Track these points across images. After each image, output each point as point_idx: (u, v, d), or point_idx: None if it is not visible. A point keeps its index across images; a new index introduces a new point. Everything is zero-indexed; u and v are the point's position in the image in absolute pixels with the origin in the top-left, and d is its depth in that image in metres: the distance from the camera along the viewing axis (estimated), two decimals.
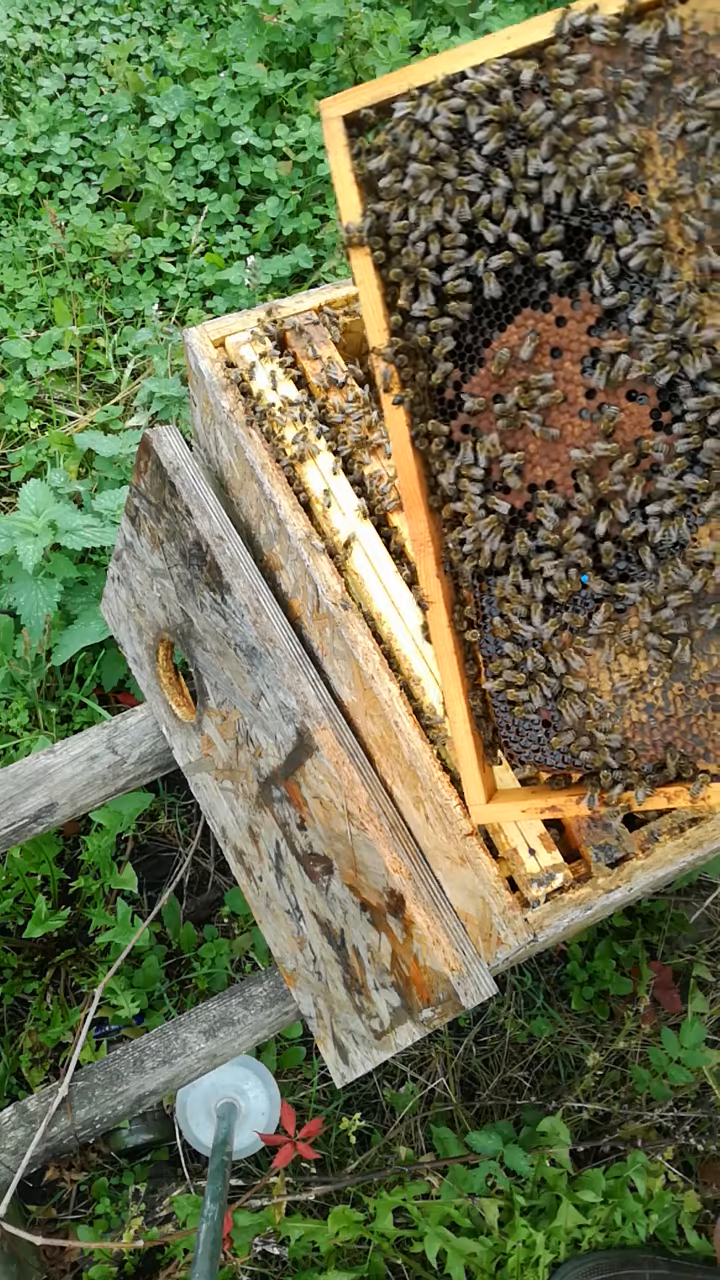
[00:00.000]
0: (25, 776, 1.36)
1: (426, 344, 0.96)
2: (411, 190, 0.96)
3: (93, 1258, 1.47)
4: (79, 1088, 1.34)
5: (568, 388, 0.96)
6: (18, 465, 1.95)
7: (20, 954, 1.66)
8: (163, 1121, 1.56)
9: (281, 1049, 1.62)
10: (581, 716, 0.93)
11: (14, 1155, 1.29)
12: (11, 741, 1.68)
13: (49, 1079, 1.57)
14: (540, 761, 0.93)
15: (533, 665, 0.94)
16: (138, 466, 1.14)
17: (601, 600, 0.94)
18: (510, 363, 0.97)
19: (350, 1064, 1.15)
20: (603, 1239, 1.43)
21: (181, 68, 2.47)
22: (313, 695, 1.01)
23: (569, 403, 0.96)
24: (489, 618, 0.98)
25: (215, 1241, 1.18)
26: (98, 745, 1.40)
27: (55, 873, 1.63)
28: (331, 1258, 1.41)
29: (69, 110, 2.45)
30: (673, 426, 0.93)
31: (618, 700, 0.93)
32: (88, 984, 1.64)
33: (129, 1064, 1.36)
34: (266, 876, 1.23)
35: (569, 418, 0.97)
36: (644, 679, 0.93)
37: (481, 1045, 1.68)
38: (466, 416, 0.97)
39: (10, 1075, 1.59)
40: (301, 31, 2.44)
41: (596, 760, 0.91)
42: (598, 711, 0.93)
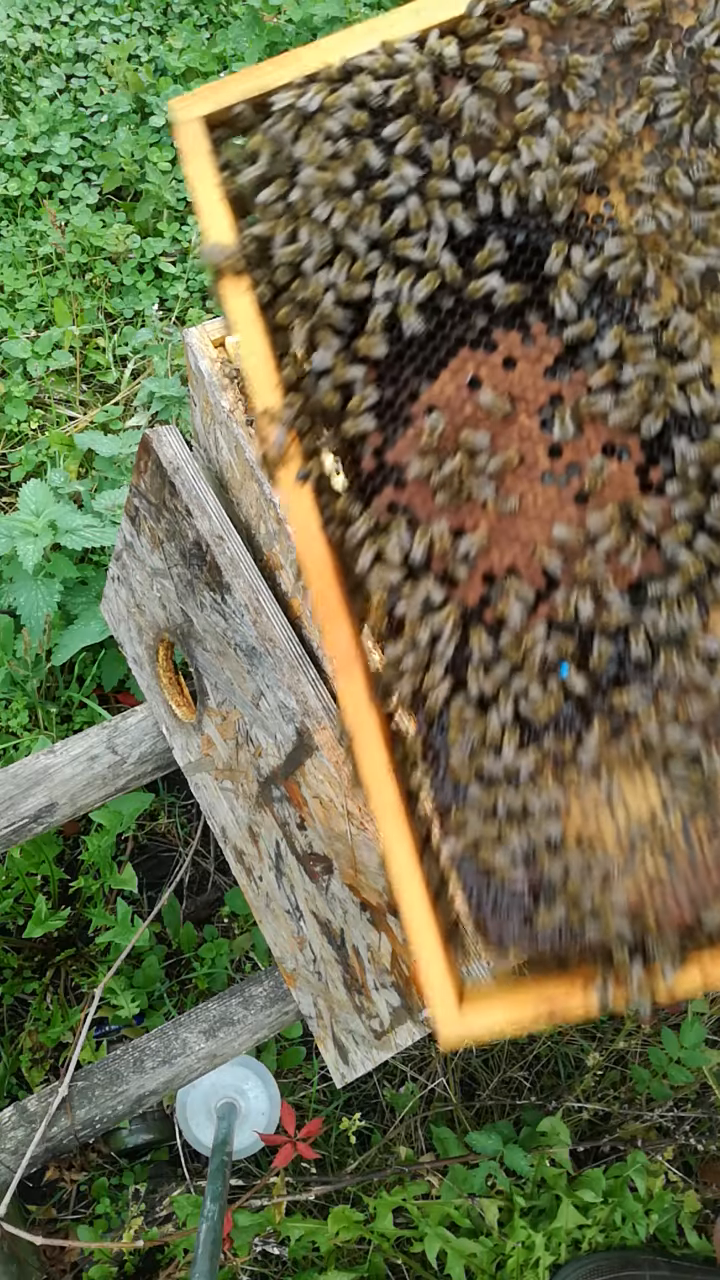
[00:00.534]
0: (25, 776, 1.36)
1: (335, 404, 0.78)
2: (301, 205, 0.79)
3: (93, 1258, 1.47)
4: (79, 1088, 1.34)
5: (524, 446, 0.79)
6: (18, 465, 1.95)
7: (20, 954, 1.66)
8: (163, 1121, 1.56)
9: (281, 1049, 1.62)
10: (582, 876, 0.75)
11: (14, 1155, 1.29)
12: (11, 741, 1.68)
13: (49, 1079, 1.57)
14: (531, 944, 0.74)
15: (508, 812, 0.76)
16: (138, 466, 1.14)
17: (593, 715, 0.76)
18: (447, 422, 0.78)
19: (350, 1064, 1.15)
20: (603, 1239, 1.43)
21: (181, 68, 2.47)
22: (313, 695, 1.01)
23: (527, 465, 0.79)
24: (442, 753, 0.78)
25: (215, 1241, 1.18)
26: (98, 745, 1.40)
27: (55, 873, 1.63)
28: (331, 1258, 1.41)
29: (69, 110, 2.45)
30: (665, 486, 0.77)
31: (625, 849, 0.75)
32: (88, 984, 1.64)
33: (129, 1064, 1.36)
34: (266, 876, 1.23)
35: (529, 484, 0.79)
36: (657, 816, 0.76)
37: (481, 1045, 1.68)
38: (394, 491, 0.79)
39: (10, 1075, 1.59)
40: (301, 31, 2.44)
41: (605, 933, 0.74)
42: (601, 866, 0.75)
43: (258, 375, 0.78)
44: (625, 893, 0.74)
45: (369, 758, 0.76)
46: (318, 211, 0.78)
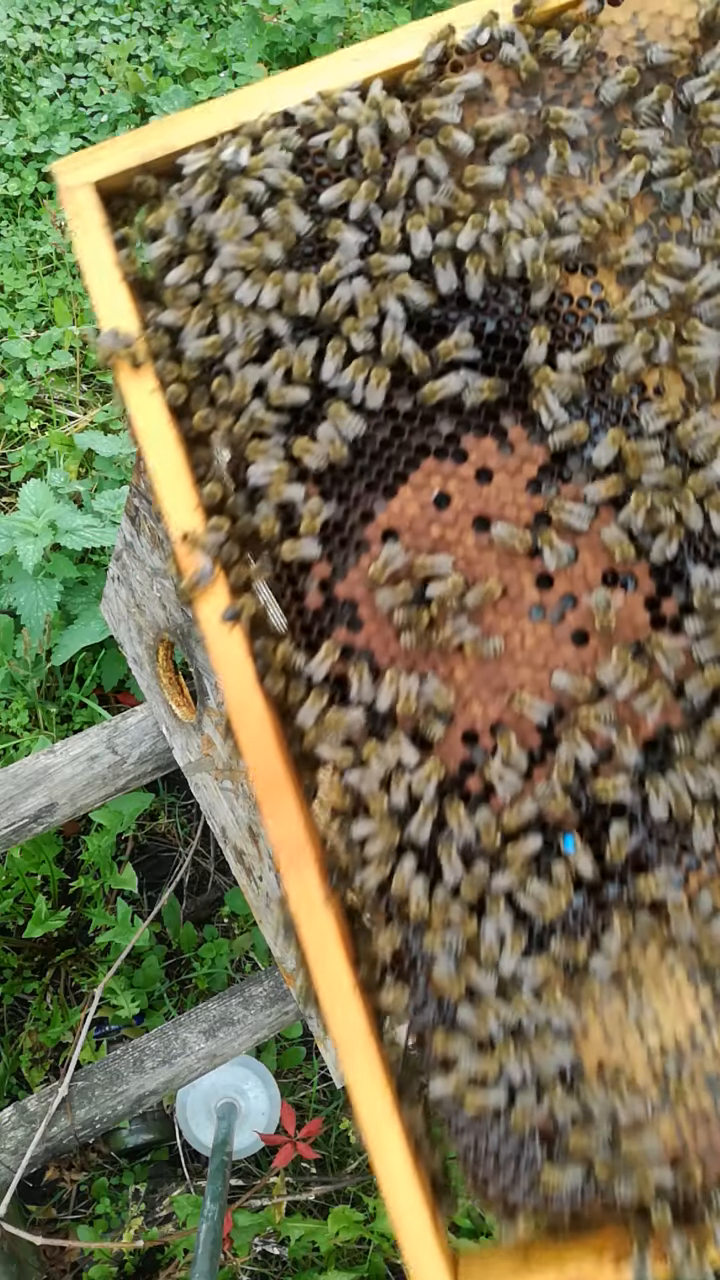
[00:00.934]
0: (25, 776, 1.36)
1: (271, 529, 0.64)
2: (217, 291, 0.65)
3: (93, 1258, 1.47)
4: (79, 1088, 1.34)
5: (507, 575, 0.66)
6: (18, 465, 1.95)
7: (20, 954, 1.66)
8: (163, 1121, 1.56)
9: (281, 1049, 1.62)
10: (606, 1116, 0.61)
11: (14, 1155, 1.29)
12: (11, 741, 1.68)
13: (49, 1079, 1.57)
14: (543, 1205, 0.61)
15: (506, 1036, 0.62)
16: (138, 466, 1.14)
17: (610, 909, 0.63)
18: (407, 551, 0.64)
19: None
20: None
21: (181, 68, 2.47)
22: None
23: (512, 598, 0.66)
24: (421, 961, 0.64)
25: (215, 1241, 1.18)
26: (98, 745, 1.40)
27: (55, 873, 1.63)
28: (331, 1258, 1.41)
29: (69, 110, 2.45)
30: (684, 622, 0.65)
31: (659, 1078, 0.62)
32: (88, 984, 1.64)
33: (129, 1064, 1.36)
34: (266, 876, 1.23)
35: (515, 621, 0.66)
36: (697, 1034, 0.62)
37: None
38: (347, 633, 0.64)
39: (10, 1075, 1.59)
40: (301, 31, 2.44)
41: (640, 1188, 0.60)
42: (630, 1108, 0.61)
43: (171, 494, 0.64)
44: (662, 1136, 0.61)
45: (327, 971, 0.62)
46: (242, 294, 0.65)
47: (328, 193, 0.65)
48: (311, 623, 0.66)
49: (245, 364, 0.65)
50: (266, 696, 0.63)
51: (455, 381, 0.65)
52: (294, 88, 0.67)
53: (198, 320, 0.66)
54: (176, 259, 0.67)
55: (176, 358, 0.66)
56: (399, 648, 0.65)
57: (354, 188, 0.66)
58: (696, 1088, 0.62)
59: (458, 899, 0.64)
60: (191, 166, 0.66)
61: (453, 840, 0.63)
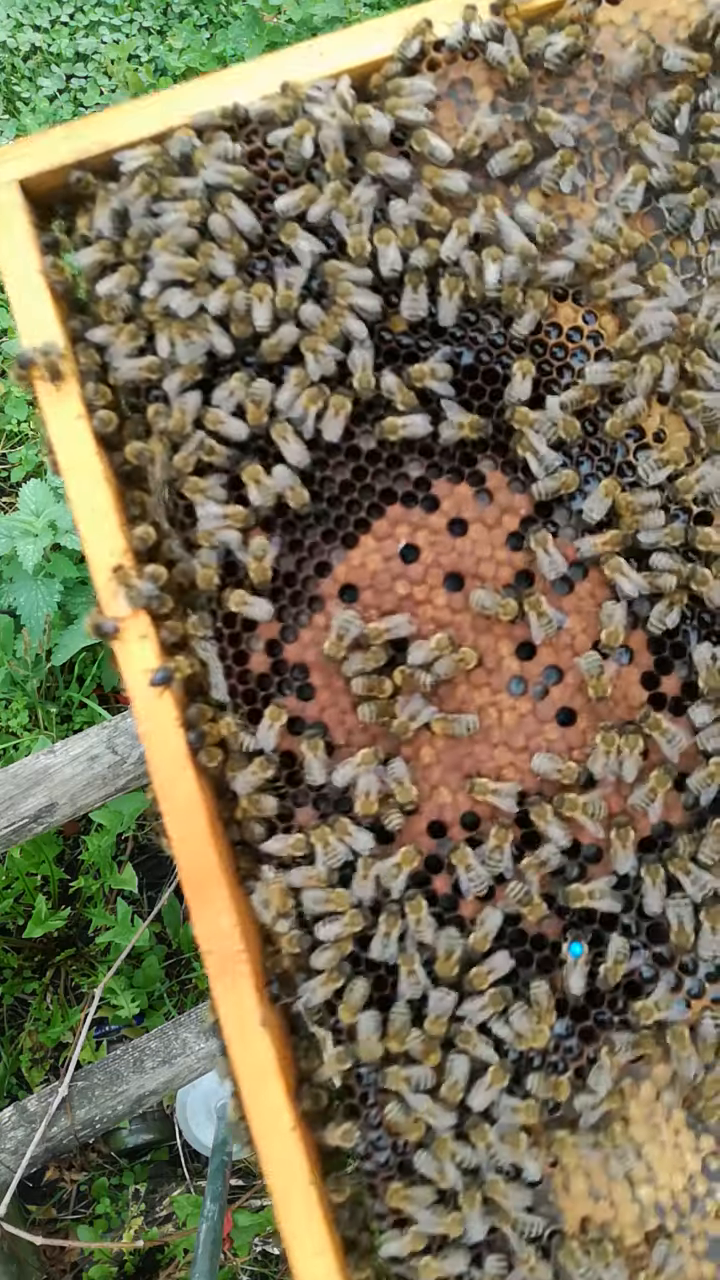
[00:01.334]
0: (25, 776, 1.36)
1: (211, 580, 0.58)
2: (153, 305, 0.59)
3: (93, 1258, 1.47)
4: (79, 1088, 1.34)
5: (484, 642, 0.60)
6: (18, 465, 1.95)
7: (20, 954, 1.66)
8: (163, 1121, 1.56)
9: None
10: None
11: (14, 1155, 1.29)
12: (11, 741, 1.68)
13: (49, 1079, 1.57)
14: None
15: (470, 1188, 0.55)
16: None
17: (597, 1037, 0.57)
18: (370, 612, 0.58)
19: None
20: None
21: (181, 68, 2.47)
22: None
23: (488, 670, 0.60)
24: (373, 1093, 0.58)
25: (215, 1241, 1.18)
26: (98, 745, 1.40)
27: (55, 873, 1.63)
28: None
29: (69, 110, 2.45)
30: (689, 707, 0.58)
31: (651, 1239, 0.56)
32: (88, 984, 1.64)
33: (129, 1064, 1.36)
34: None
35: (490, 695, 0.59)
36: (697, 1189, 0.56)
37: None
38: (297, 702, 0.59)
39: (10, 1075, 1.59)
40: (301, 31, 2.44)
41: None
42: (617, 1271, 0.55)
43: (95, 535, 0.58)
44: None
45: (263, 1106, 0.55)
46: (181, 307, 0.58)
47: (285, 199, 0.59)
48: (256, 688, 0.59)
49: (186, 389, 0.59)
50: (199, 774, 0.57)
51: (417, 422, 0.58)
52: (249, 82, 0.61)
53: (128, 339, 0.59)
54: (110, 268, 0.60)
55: (107, 380, 0.60)
56: (356, 721, 0.58)
57: (311, 194, 0.59)
58: (697, 1253, 0.54)
59: (420, 1027, 0.56)
60: (130, 164, 0.60)
61: (415, 953, 0.56)
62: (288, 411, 0.60)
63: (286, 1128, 0.55)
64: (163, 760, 0.57)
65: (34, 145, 0.60)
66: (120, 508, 0.60)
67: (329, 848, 0.58)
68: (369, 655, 0.59)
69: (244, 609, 0.59)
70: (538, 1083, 0.57)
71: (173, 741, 0.57)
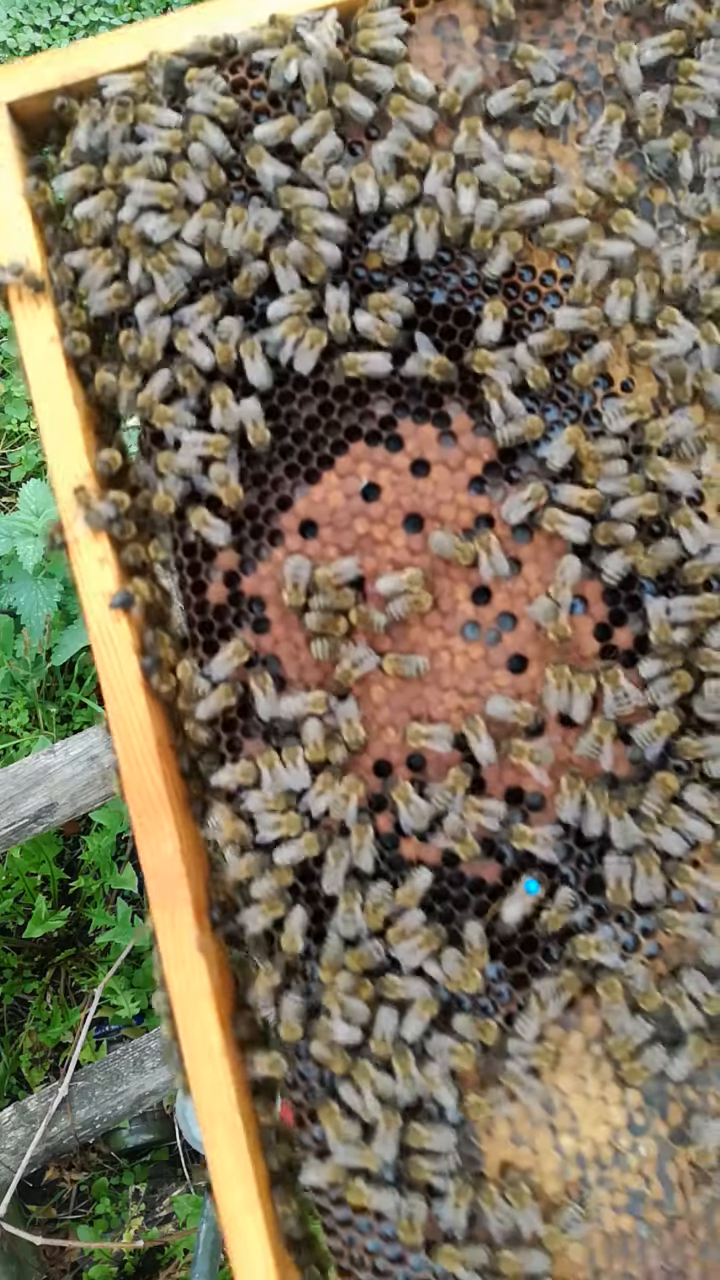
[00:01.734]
0: (25, 776, 1.36)
1: (167, 507, 0.59)
2: (129, 232, 0.60)
3: (93, 1258, 1.47)
4: (79, 1088, 1.34)
5: (440, 586, 0.60)
6: (18, 465, 1.96)
7: (20, 954, 1.66)
8: (163, 1121, 1.56)
9: None
10: (503, 1228, 0.55)
11: (14, 1155, 1.29)
12: (11, 741, 1.68)
13: (49, 1079, 1.57)
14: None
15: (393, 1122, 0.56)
16: None
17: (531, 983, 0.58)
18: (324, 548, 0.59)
19: None
20: None
21: None
22: None
23: (443, 613, 0.60)
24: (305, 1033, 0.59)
25: (215, 1241, 1.18)
26: (98, 745, 1.40)
27: (55, 873, 1.63)
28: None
29: None
30: (640, 661, 0.59)
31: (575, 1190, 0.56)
32: (88, 984, 1.64)
33: (129, 1064, 1.36)
34: None
35: (444, 638, 0.60)
36: (621, 1143, 0.56)
37: None
38: (252, 635, 0.60)
39: (10, 1075, 1.59)
40: None
41: None
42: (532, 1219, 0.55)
43: (60, 458, 0.58)
44: (569, 1257, 0.54)
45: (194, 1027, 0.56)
46: (156, 231, 0.59)
47: (264, 128, 0.58)
48: (213, 619, 0.60)
49: (155, 315, 0.59)
50: (152, 697, 0.57)
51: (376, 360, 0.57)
52: (238, 14, 0.61)
53: (104, 265, 0.60)
54: (91, 192, 0.61)
55: (81, 302, 0.61)
56: (309, 657, 0.59)
57: (292, 124, 0.59)
58: (616, 1206, 0.54)
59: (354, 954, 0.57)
60: (113, 88, 0.60)
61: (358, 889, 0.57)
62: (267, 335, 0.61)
63: (216, 1051, 0.56)
64: (116, 685, 0.58)
65: (21, 69, 0.60)
66: (89, 432, 0.60)
67: (275, 771, 0.59)
68: (331, 597, 0.60)
69: (204, 529, 0.59)
70: (466, 1025, 0.57)
71: (127, 667, 0.58)
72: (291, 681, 0.61)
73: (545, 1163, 0.57)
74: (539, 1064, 0.56)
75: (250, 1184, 0.55)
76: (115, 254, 0.61)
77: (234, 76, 0.63)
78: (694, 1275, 0.54)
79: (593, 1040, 0.58)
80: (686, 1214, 0.55)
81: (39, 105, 0.62)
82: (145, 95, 0.62)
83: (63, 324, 0.61)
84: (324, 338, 0.60)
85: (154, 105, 0.61)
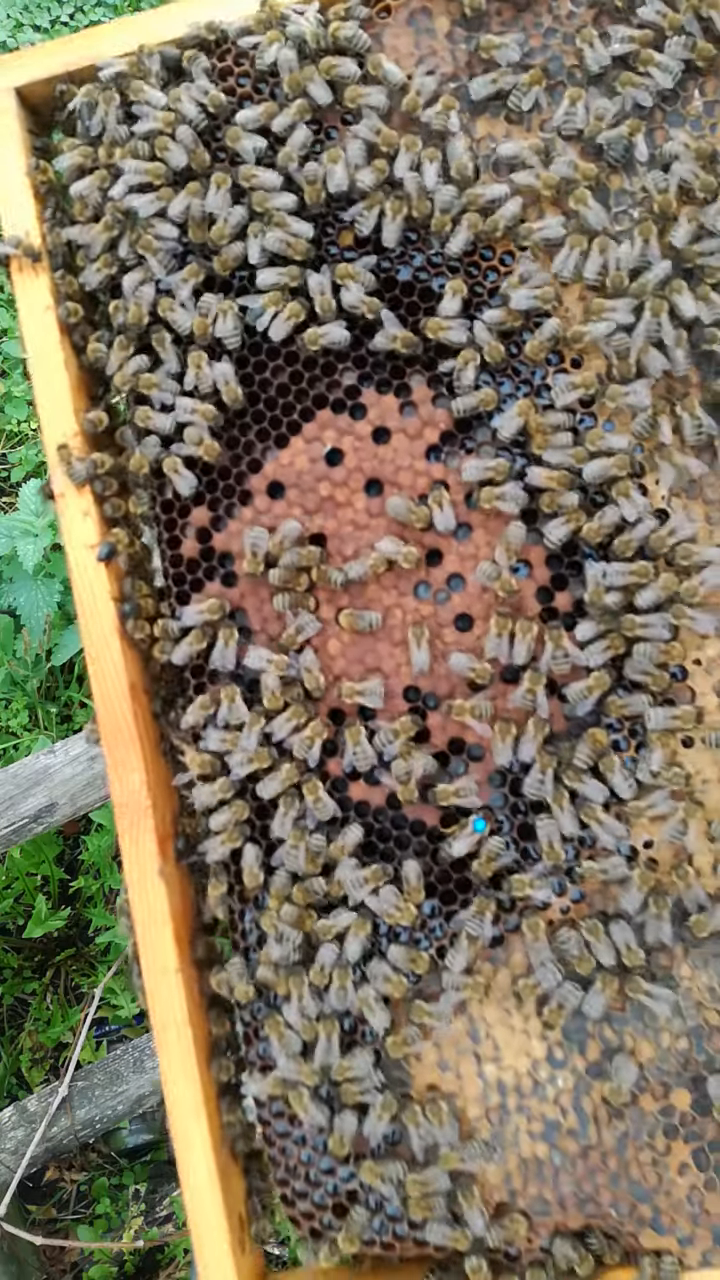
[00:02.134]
0: (25, 776, 1.36)
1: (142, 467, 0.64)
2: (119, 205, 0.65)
3: (93, 1258, 1.47)
4: (79, 1088, 1.34)
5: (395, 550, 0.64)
6: (18, 465, 1.96)
7: (20, 954, 1.66)
8: (163, 1121, 1.56)
9: None
10: (424, 1146, 0.59)
11: (14, 1155, 1.29)
12: (11, 741, 1.68)
13: (49, 1079, 1.57)
14: (349, 1236, 0.60)
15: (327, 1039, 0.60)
16: None
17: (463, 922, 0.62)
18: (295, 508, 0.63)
19: None
20: None
21: None
22: None
23: (397, 573, 0.65)
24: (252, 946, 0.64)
25: None
26: None
27: (55, 873, 1.63)
28: None
29: None
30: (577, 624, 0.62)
31: (495, 1115, 0.60)
32: (88, 984, 1.64)
33: (129, 1064, 1.36)
34: None
35: (398, 597, 0.64)
36: (539, 1074, 0.60)
37: None
38: (220, 588, 0.65)
39: (10, 1075, 1.59)
40: None
41: (455, 1241, 0.59)
42: (449, 1138, 0.59)
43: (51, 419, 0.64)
44: (486, 1178, 0.58)
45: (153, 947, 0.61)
46: (142, 207, 0.64)
47: (247, 113, 0.63)
48: (186, 571, 0.65)
49: (142, 284, 0.64)
50: (128, 643, 0.63)
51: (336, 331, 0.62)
52: (231, 3, 0.66)
53: (103, 234, 0.65)
54: (87, 171, 0.66)
55: (74, 271, 0.67)
56: (272, 610, 0.64)
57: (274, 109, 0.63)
58: (532, 1133, 0.59)
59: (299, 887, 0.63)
60: (108, 70, 0.65)
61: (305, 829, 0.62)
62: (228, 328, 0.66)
63: (171, 968, 0.62)
64: (93, 629, 0.63)
65: (28, 56, 0.66)
66: (80, 394, 0.66)
67: (234, 704, 0.64)
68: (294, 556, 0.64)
69: (174, 477, 0.64)
70: (400, 955, 0.62)
71: (104, 612, 0.64)
72: (255, 632, 0.66)
73: (468, 1088, 0.61)
74: (469, 996, 0.60)
75: (197, 1088, 0.60)
76: (110, 228, 0.66)
77: (221, 64, 0.67)
78: (604, 1203, 0.58)
79: (520, 976, 0.62)
80: (599, 1145, 0.58)
81: (44, 90, 0.67)
82: (138, 77, 0.66)
83: (57, 291, 0.66)
84: (302, 313, 0.64)
85: (147, 85, 0.66)
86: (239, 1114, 0.63)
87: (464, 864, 0.64)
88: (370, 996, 0.61)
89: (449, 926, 0.63)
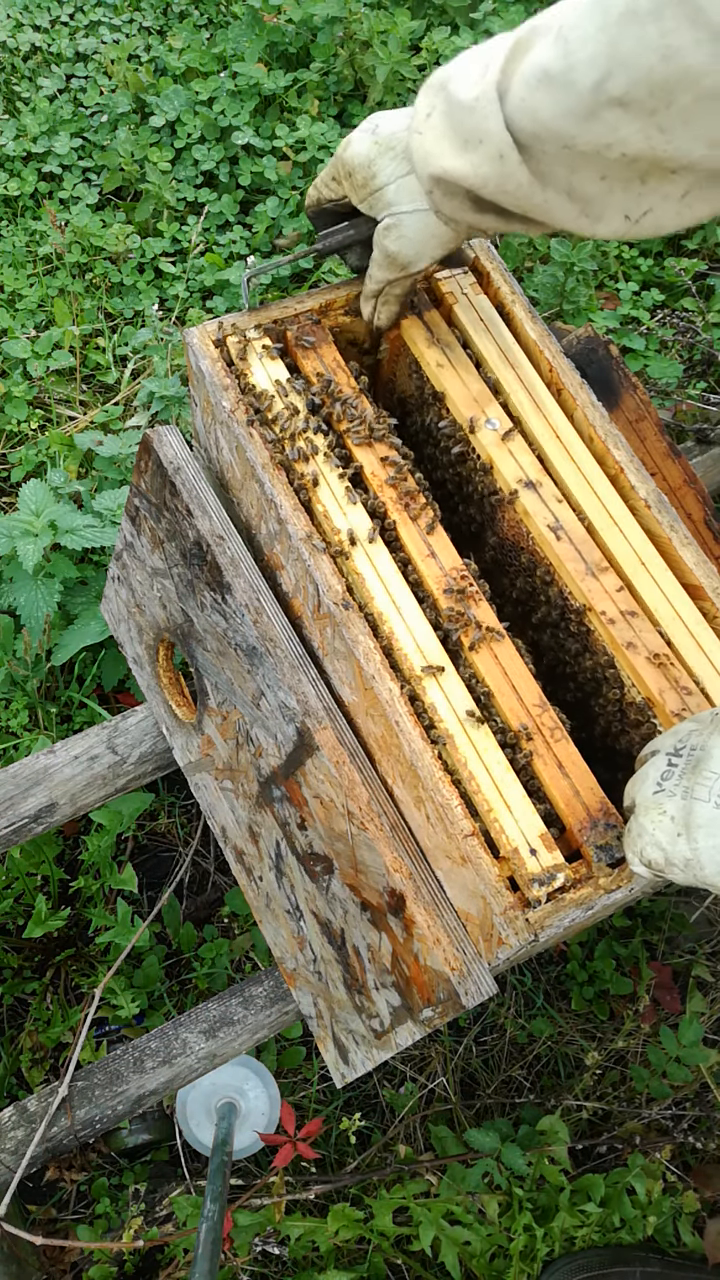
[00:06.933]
0: (25, 776, 1.36)
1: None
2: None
3: (93, 1258, 1.47)
4: (79, 1088, 1.34)
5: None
6: (18, 465, 1.95)
7: (20, 954, 1.66)
8: (163, 1121, 1.56)
9: (281, 1049, 1.62)
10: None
11: (14, 1155, 1.29)
12: (11, 741, 1.68)
13: (49, 1079, 1.57)
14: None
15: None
16: (138, 466, 1.14)
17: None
18: None
19: (350, 1064, 1.15)
20: (598, 1238, 1.43)
21: (181, 68, 2.46)
22: (313, 695, 1.01)
23: None
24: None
25: (215, 1241, 1.18)
26: (98, 745, 1.39)
27: (55, 873, 1.63)
28: (331, 1257, 1.41)
29: (69, 110, 2.45)
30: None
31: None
32: (88, 984, 1.64)
33: (129, 1064, 1.36)
34: (266, 876, 1.23)
35: None
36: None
37: (481, 1045, 1.68)
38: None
39: (10, 1075, 1.59)
40: (301, 31, 2.44)
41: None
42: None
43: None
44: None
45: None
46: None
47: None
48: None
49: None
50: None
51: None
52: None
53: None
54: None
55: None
56: None
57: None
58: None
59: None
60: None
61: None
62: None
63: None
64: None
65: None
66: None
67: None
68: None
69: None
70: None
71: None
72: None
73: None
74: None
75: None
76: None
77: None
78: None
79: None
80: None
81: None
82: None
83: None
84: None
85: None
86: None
87: None
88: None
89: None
